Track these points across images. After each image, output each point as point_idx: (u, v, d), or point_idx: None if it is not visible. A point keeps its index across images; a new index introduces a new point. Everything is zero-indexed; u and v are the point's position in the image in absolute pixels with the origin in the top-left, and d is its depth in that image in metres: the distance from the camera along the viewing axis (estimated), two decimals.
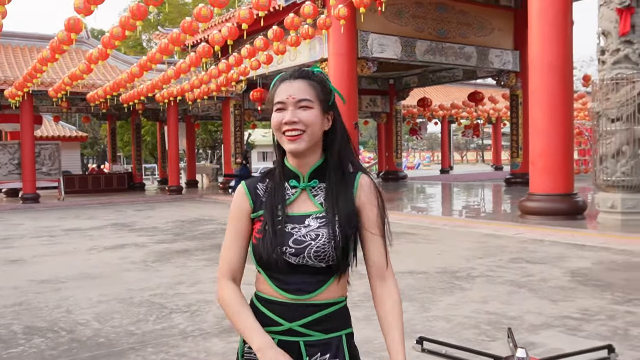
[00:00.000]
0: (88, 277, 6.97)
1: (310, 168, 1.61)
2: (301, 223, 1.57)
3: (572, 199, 10.09)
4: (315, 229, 1.55)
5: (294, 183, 1.62)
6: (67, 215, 15.30)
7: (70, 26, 9.46)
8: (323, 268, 1.55)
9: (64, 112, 24.54)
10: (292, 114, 1.55)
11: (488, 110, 30.68)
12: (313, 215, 1.58)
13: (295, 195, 1.62)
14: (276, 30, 11.71)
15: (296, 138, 1.54)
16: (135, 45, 35.99)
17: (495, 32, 17.85)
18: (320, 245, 1.53)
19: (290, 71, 1.63)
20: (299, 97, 1.56)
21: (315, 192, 1.63)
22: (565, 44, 9.90)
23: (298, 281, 1.55)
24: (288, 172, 1.63)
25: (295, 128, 1.54)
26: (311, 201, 1.61)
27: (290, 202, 1.61)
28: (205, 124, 33.15)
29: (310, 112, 1.56)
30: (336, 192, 1.60)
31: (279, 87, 1.59)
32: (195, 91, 16.79)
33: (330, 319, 1.57)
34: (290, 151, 1.57)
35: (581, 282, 6.00)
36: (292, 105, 1.56)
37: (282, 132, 1.56)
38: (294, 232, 1.55)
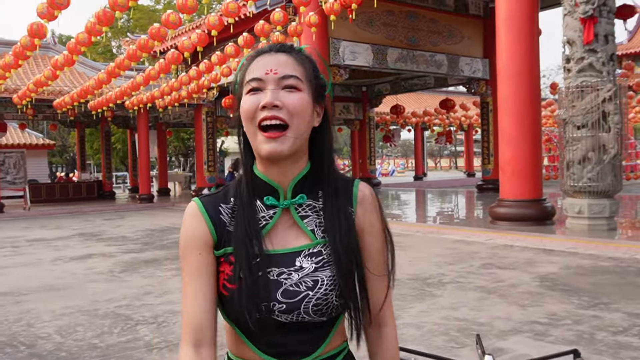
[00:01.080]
0: (52, 288, 6.79)
1: (294, 178, 1.15)
2: (290, 265, 1.12)
3: (541, 204, 10.20)
4: (312, 272, 1.12)
5: (271, 201, 1.15)
6: (33, 225, 14.96)
7: (34, 31, 9.27)
8: (324, 321, 1.14)
9: (30, 120, 24.06)
10: (272, 94, 1.09)
11: (460, 118, 31.00)
12: (305, 250, 1.14)
13: (274, 219, 1.16)
14: (246, 37, 11.65)
15: (277, 135, 1.08)
16: (104, 52, 35.57)
17: (465, 41, 18.05)
18: (321, 296, 1.10)
19: (266, 45, 1.19)
20: (284, 72, 1.11)
21: (304, 212, 1.17)
22: (531, 52, 10.02)
23: (291, 342, 1.13)
24: (261, 186, 1.16)
25: (276, 116, 1.08)
26: (299, 227, 1.16)
27: (267, 231, 1.15)
28: (177, 131, 32.86)
29: (297, 96, 1.11)
30: (336, 214, 1.16)
31: (253, 63, 1.14)
32: (165, 98, 16.62)
33: None
34: (268, 154, 1.10)
35: (549, 287, 6.05)
36: (274, 84, 1.10)
37: (257, 125, 1.10)
38: (282, 279, 1.11)
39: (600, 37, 9.18)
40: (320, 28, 12.62)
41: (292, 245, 1.14)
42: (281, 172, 1.14)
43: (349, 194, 1.19)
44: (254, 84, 1.12)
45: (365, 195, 1.21)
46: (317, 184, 1.18)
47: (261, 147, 1.11)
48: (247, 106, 1.11)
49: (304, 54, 1.18)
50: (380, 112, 28.24)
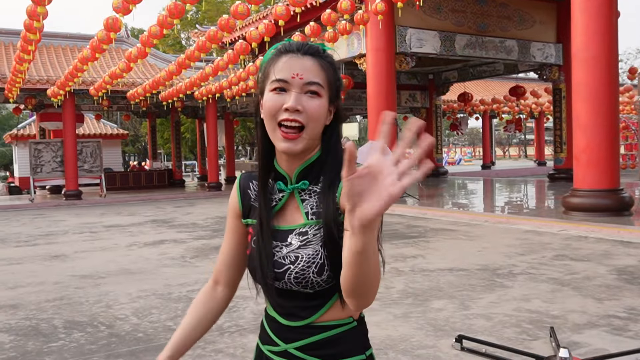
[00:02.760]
0: (127, 272, 7.07)
1: (300, 166, 1.29)
2: (284, 240, 1.28)
3: (617, 194, 9.76)
4: (296, 249, 1.25)
5: (280, 186, 1.31)
6: (109, 211, 15.62)
7: (109, 25, 9.62)
8: (317, 292, 1.25)
9: (105, 110, 25.05)
10: (296, 99, 1.21)
11: (530, 105, 30.06)
12: (297, 229, 1.28)
13: (282, 201, 1.31)
14: (313, 26, 11.67)
15: (294, 137, 1.22)
16: (174, 44, 36.51)
17: (537, 25, 17.43)
18: (299, 270, 1.23)
19: (293, 42, 1.28)
20: (309, 78, 1.22)
21: (304, 196, 1.31)
22: (610, 36, 9.56)
23: (289, 305, 1.29)
24: (277, 174, 1.32)
25: (296, 119, 1.20)
26: (299, 209, 1.30)
27: (277, 210, 1.31)
28: (244, 120, 33.41)
29: (317, 102, 1.23)
30: (325, 199, 1.26)
31: (281, 60, 1.24)
32: (233, 88, 16.90)
33: (333, 344, 1.28)
34: (284, 151, 1.24)
35: (628, 280, 5.80)
36: (298, 88, 1.22)
37: (278, 123, 1.22)
38: (275, 252, 1.27)
39: None
40: (387, 16, 12.49)
41: (289, 223, 1.30)
42: (290, 162, 1.29)
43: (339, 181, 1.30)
44: (280, 84, 1.22)
45: None
46: (322, 172, 1.30)
47: (278, 143, 1.25)
48: (271, 104, 1.23)
49: (328, 58, 1.28)
50: (447, 100, 27.75)
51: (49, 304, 5.62)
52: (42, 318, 5.11)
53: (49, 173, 19.34)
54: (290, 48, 1.26)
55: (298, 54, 1.24)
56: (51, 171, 19.30)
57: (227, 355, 3.99)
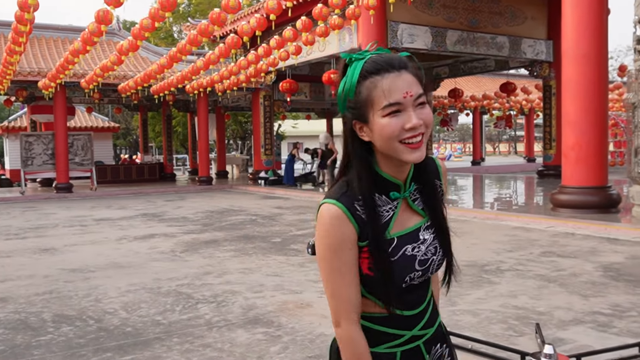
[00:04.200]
0: (117, 266, 7.07)
1: (410, 172, 1.38)
2: (417, 240, 1.38)
3: (605, 191, 9.85)
4: (432, 241, 1.40)
5: (395, 195, 1.37)
6: (99, 205, 15.57)
7: (100, 18, 9.57)
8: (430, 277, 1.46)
9: (96, 103, 24.91)
10: (417, 116, 1.26)
11: (521, 101, 30.17)
12: (422, 226, 1.41)
13: (398, 207, 1.39)
14: (305, 20, 11.66)
15: (419, 145, 1.28)
16: (166, 37, 36.33)
17: (528, 22, 17.49)
18: (440, 257, 1.42)
19: (383, 57, 1.30)
20: (416, 92, 1.27)
21: (413, 197, 1.42)
22: (600, 33, 9.63)
23: (415, 297, 1.42)
24: (383, 183, 1.36)
25: (420, 132, 1.27)
26: (411, 209, 1.41)
27: (396, 218, 1.38)
28: (235, 114, 33.35)
29: (428, 110, 1.30)
30: (436, 191, 1.45)
31: (383, 83, 1.26)
32: (224, 82, 16.87)
33: (433, 311, 1.48)
34: (414, 161, 1.29)
35: (613, 277, 5.86)
36: (411, 105, 1.27)
37: (400, 141, 1.27)
38: (416, 253, 1.37)
39: None
40: (379, 10, 12.49)
41: (412, 224, 1.40)
42: (403, 171, 1.37)
43: (436, 170, 1.47)
44: (395, 107, 1.26)
45: (444, 169, 1.51)
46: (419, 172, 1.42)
47: (407, 156, 1.29)
48: (392, 129, 1.26)
49: (413, 62, 1.32)
50: (438, 96, 27.79)
51: (38, 297, 5.62)
52: (31, 312, 5.11)
53: (39, 166, 19.24)
54: (381, 66, 1.27)
55: (394, 72, 1.27)
56: (42, 164, 19.20)
57: (215, 350, 4.01)
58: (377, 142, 1.30)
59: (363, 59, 1.30)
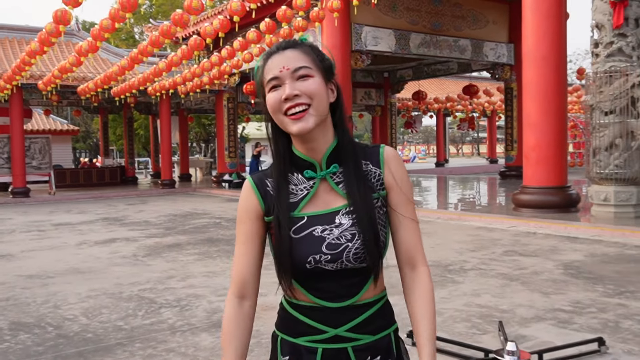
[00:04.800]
0: (77, 272, 6.90)
1: (326, 151, 1.36)
2: (331, 222, 1.33)
3: (565, 191, 10.06)
4: (350, 227, 1.32)
5: (309, 174, 1.36)
6: (58, 209, 15.20)
7: (58, 18, 9.34)
8: (363, 268, 1.33)
9: (55, 106, 24.35)
10: (290, 87, 1.28)
11: (483, 104, 30.64)
12: (342, 210, 1.34)
13: (314, 187, 1.36)
14: (268, 22, 11.61)
15: (302, 115, 1.28)
16: (127, 38, 35.77)
17: (489, 25, 17.78)
18: (359, 245, 1.30)
19: (274, 45, 1.38)
20: (295, 65, 1.30)
21: (338, 178, 1.37)
22: (559, 36, 9.84)
23: (337, 287, 1.33)
24: (299, 162, 1.37)
25: (298, 103, 1.28)
26: (335, 192, 1.36)
27: (310, 198, 1.36)
28: (198, 117, 33.01)
29: (312, 81, 1.30)
30: (361, 176, 1.36)
31: (267, 64, 1.33)
32: (187, 84, 16.68)
33: (376, 318, 1.37)
34: (298, 132, 1.30)
35: (573, 275, 5.98)
36: (289, 78, 1.30)
37: (284, 113, 1.30)
38: (325, 235, 1.32)
39: (630, 20, 8.99)
40: (343, 13, 12.53)
41: (331, 206, 1.35)
42: (313, 147, 1.35)
43: (375, 157, 1.39)
44: (274, 82, 1.31)
45: (390, 155, 1.40)
46: (345, 154, 1.38)
47: (290, 128, 1.31)
48: (272, 101, 1.31)
49: (306, 44, 1.37)
50: (402, 98, 28.04)
51: None
52: None
53: None
54: (271, 50, 1.35)
55: (279, 51, 1.33)
56: None
57: (179, 355, 3.93)
58: (274, 117, 1.34)
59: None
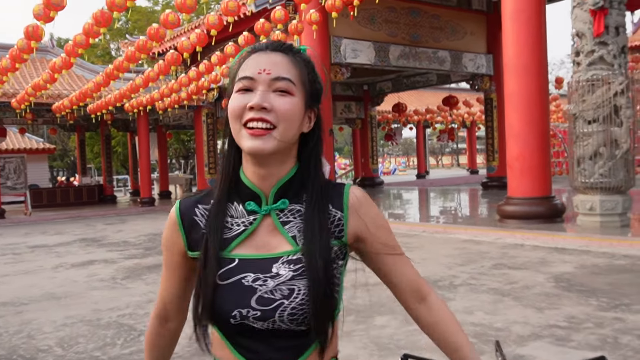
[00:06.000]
0: (52, 297, 6.60)
1: (277, 182, 1.11)
2: (267, 271, 1.08)
3: (550, 201, 9.99)
4: (289, 280, 1.07)
5: (252, 207, 1.12)
6: (34, 230, 14.78)
7: (30, 34, 9.07)
8: (302, 331, 1.09)
9: (29, 124, 23.88)
10: (262, 96, 1.05)
11: (463, 115, 30.79)
12: (284, 257, 1.10)
13: (254, 225, 1.12)
14: (247, 36, 11.45)
15: (262, 133, 1.04)
16: (103, 55, 35.41)
17: (468, 36, 17.83)
18: (297, 305, 1.06)
19: (265, 42, 1.14)
20: (277, 73, 1.06)
21: (285, 217, 1.13)
22: (539, 46, 9.82)
23: (267, 349, 1.09)
24: (242, 189, 1.13)
25: (263, 118, 1.04)
26: (279, 234, 1.12)
27: (247, 236, 1.11)
28: (177, 133, 32.69)
29: (289, 100, 1.07)
30: (318, 219, 1.11)
31: (248, 60, 1.10)
32: (165, 100, 16.42)
33: None
34: (251, 151, 1.06)
35: (565, 288, 5.86)
36: (264, 85, 1.06)
37: (244, 123, 1.06)
38: (257, 285, 1.07)
39: (610, 29, 8.98)
40: (321, 26, 12.41)
41: (271, 251, 1.11)
42: (265, 176, 1.11)
43: (339, 199, 1.15)
44: (245, 82, 1.08)
45: (358, 199, 1.17)
46: (303, 189, 1.14)
47: (244, 143, 1.07)
48: (235, 104, 1.07)
49: (301, 55, 1.14)
50: (382, 111, 28.03)
51: None
52: None
53: None
54: (259, 47, 1.13)
55: (267, 51, 1.11)
56: None
57: None
58: (230, 123, 1.10)
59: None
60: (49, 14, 8.12)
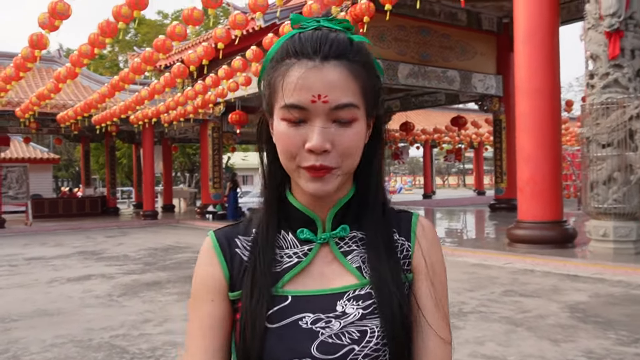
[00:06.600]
0: (45, 314, 6.35)
1: (334, 206, 0.92)
2: (330, 309, 0.88)
3: (561, 226, 9.72)
4: (358, 320, 0.87)
5: (305, 235, 0.93)
6: (33, 241, 14.56)
7: (34, 42, 8.93)
8: None
9: (33, 134, 23.79)
10: (322, 135, 0.83)
11: (471, 135, 30.58)
12: (349, 292, 0.89)
13: (310, 255, 0.92)
14: (255, 50, 11.30)
15: (323, 174, 0.85)
16: (111, 66, 35.45)
17: (477, 57, 17.66)
18: (371, 352, 0.85)
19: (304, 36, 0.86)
20: (337, 100, 0.83)
21: (347, 246, 0.93)
22: (552, 68, 9.61)
23: None
24: (293, 214, 0.93)
25: (324, 165, 0.84)
26: (340, 265, 0.92)
27: (302, 269, 0.91)
28: (183, 146, 32.56)
29: (353, 132, 0.85)
30: (385, 247, 0.92)
31: (293, 72, 0.84)
32: (171, 113, 16.28)
33: None
34: (313, 194, 0.88)
35: (581, 318, 5.57)
36: (322, 117, 0.83)
37: (299, 164, 0.86)
38: (318, 328, 0.86)
39: (626, 51, 8.75)
40: None
41: (332, 285, 0.90)
42: (319, 201, 0.92)
43: (407, 227, 0.97)
44: (296, 113, 0.84)
45: (425, 229, 0.98)
46: (363, 212, 0.94)
47: (302, 183, 0.87)
48: (286, 142, 0.85)
49: (360, 54, 0.87)
50: (389, 129, 27.55)
51: None
52: None
53: None
54: (304, 50, 0.84)
55: (316, 61, 0.83)
56: None
57: None
58: (280, 156, 0.89)
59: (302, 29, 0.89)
60: (53, 23, 7.97)
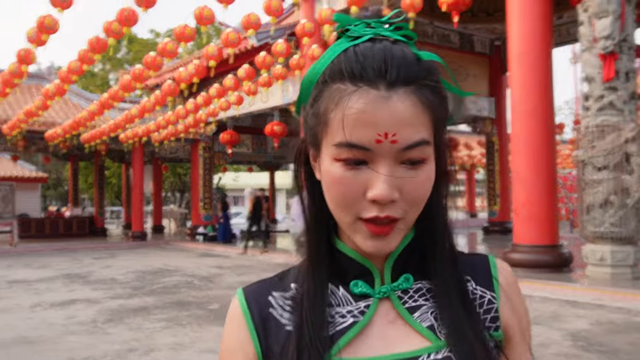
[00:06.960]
0: (24, 342, 6.06)
1: (393, 252, 0.77)
2: None
3: (557, 250, 9.57)
4: None
5: (361, 288, 0.77)
6: (17, 263, 14.20)
7: (21, 57, 8.73)
8: None
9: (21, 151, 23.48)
10: (389, 182, 0.67)
11: (463, 157, 30.56)
12: (423, 356, 0.73)
13: (368, 314, 0.76)
14: (247, 68, 11.16)
15: (386, 230, 0.70)
16: (102, 84, 35.25)
17: (470, 79, 17.63)
18: None
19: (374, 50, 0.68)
20: (406, 139, 0.67)
21: (413, 301, 0.77)
22: (546, 89, 9.54)
23: None
24: (343, 263, 0.78)
25: (389, 216, 0.69)
26: (407, 324, 0.76)
27: (360, 331, 0.75)
28: (173, 166, 32.27)
29: (424, 175, 0.70)
30: (460, 299, 0.76)
31: (352, 101, 0.67)
32: (161, 132, 16.07)
33: None
34: (371, 252, 0.72)
35: (584, 348, 5.38)
36: (390, 158, 0.67)
37: (357, 215, 0.70)
38: None
39: (621, 74, 8.68)
40: None
41: (399, 350, 0.74)
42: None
43: (485, 274, 0.80)
44: (357, 153, 0.67)
45: (508, 279, 0.82)
46: (430, 258, 0.78)
47: (359, 240, 0.71)
48: (342, 189, 0.69)
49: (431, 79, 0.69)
50: None
51: None
52: None
53: None
54: (365, 73, 0.66)
55: (382, 90, 0.66)
56: None
57: None
58: (329, 202, 0.72)
59: (356, 38, 0.70)
60: (41, 38, 7.78)
